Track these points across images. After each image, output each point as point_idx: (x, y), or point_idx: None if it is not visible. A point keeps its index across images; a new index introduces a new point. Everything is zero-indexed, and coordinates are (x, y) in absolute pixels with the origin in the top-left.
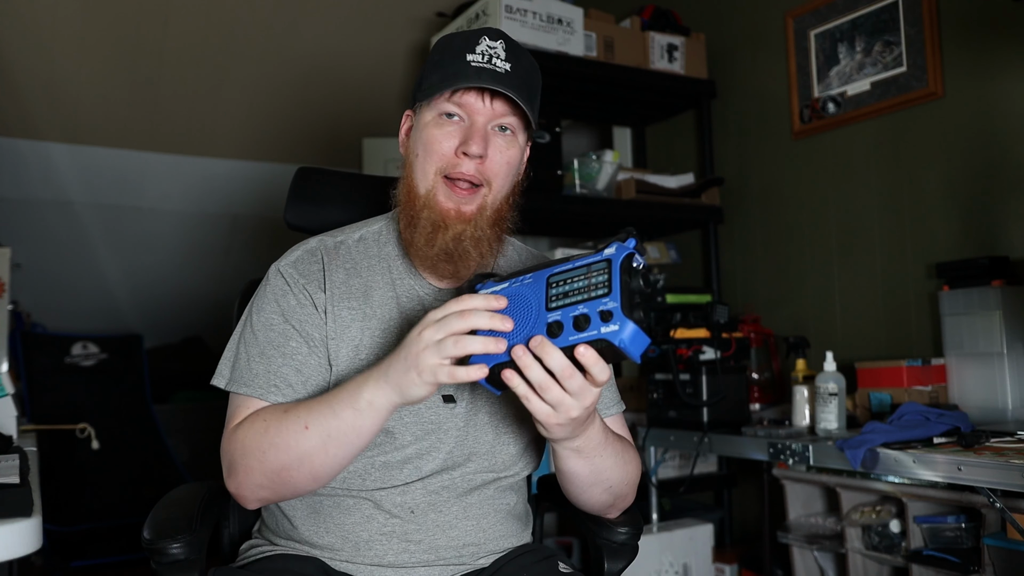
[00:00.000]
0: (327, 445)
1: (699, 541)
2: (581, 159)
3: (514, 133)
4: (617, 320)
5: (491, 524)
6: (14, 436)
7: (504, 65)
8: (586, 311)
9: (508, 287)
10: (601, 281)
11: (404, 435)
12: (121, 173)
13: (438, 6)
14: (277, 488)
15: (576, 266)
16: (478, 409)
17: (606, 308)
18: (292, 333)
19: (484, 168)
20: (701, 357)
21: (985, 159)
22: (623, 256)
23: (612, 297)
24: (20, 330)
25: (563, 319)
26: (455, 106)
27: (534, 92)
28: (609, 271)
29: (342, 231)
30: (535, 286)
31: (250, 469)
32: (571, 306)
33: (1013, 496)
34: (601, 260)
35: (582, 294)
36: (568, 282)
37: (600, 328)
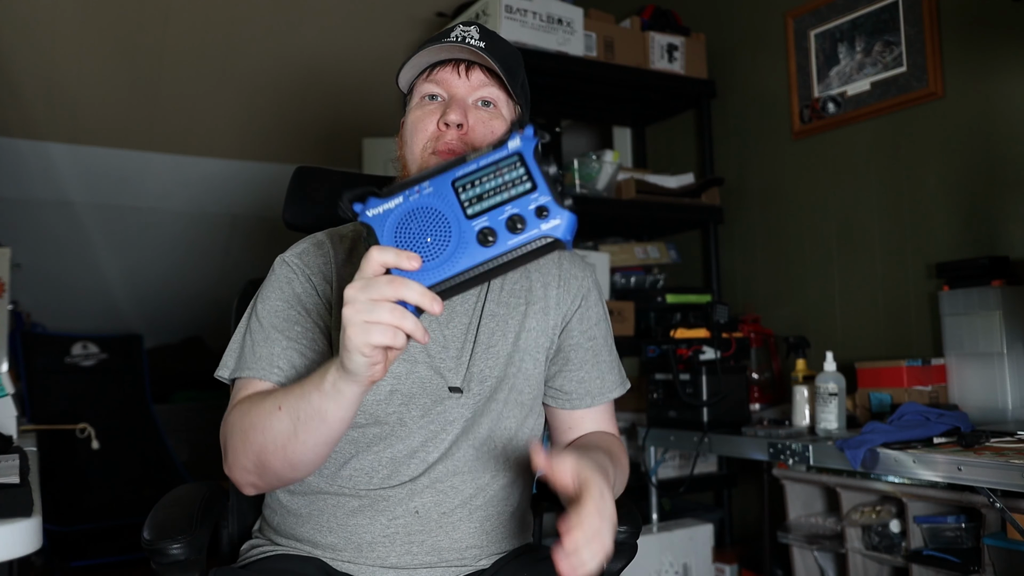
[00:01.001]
0: (297, 429)
1: (699, 541)
2: (581, 159)
3: (496, 106)
4: (555, 214)
5: (494, 526)
6: (14, 436)
7: (478, 43)
8: (517, 211)
9: (404, 202)
10: (519, 176)
11: (411, 426)
12: (121, 173)
13: (438, 6)
14: (261, 473)
15: (482, 165)
16: (484, 397)
17: (539, 203)
18: (298, 318)
19: (468, 138)
20: (701, 357)
21: (985, 159)
22: (532, 146)
23: (540, 191)
24: (20, 330)
25: (492, 224)
26: (434, 84)
27: (514, 69)
28: (524, 163)
29: (347, 226)
30: (439, 194)
31: (235, 450)
32: (496, 208)
33: (1013, 496)
34: (510, 154)
35: (501, 193)
36: (479, 183)
37: (540, 226)
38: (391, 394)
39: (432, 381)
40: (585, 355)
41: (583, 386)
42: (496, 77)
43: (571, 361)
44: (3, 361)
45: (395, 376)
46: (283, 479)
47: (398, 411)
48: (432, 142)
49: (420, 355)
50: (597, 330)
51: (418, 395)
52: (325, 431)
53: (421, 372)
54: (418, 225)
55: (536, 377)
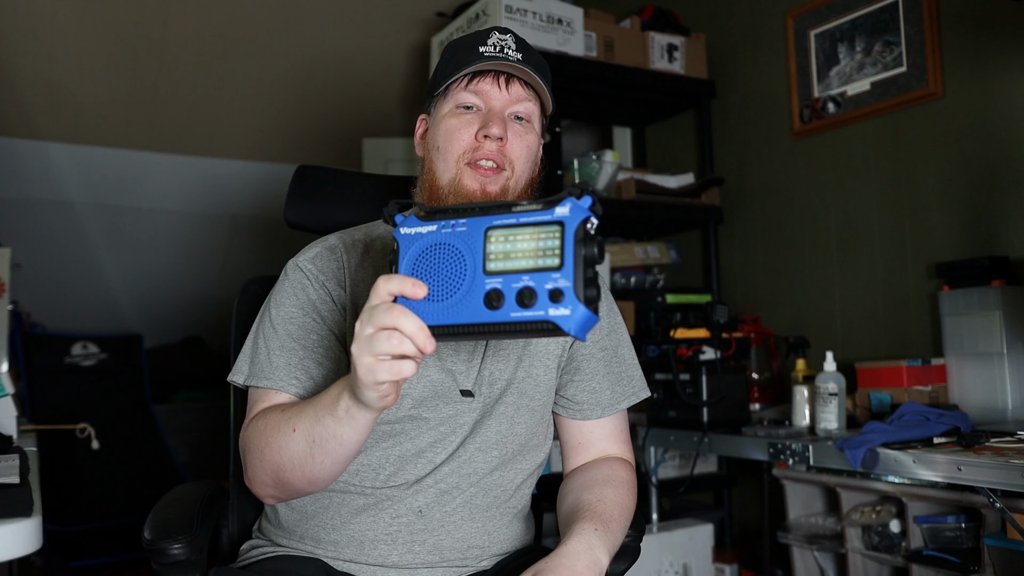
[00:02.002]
0: (313, 451)
1: (699, 541)
2: (581, 159)
3: (530, 121)
4: (568, 302)
5: (497, 527)
6: (14, 436)
7: (516, 55)
8: (532, 284)
9: (437, 231)
10: (551, 248)
11: (420, 428)
12: (121, 173)
13: (438, 6)
14: (279, 487)
15: (521, 222)
16: (493, 400)
17: (556, 286)
18: (314, 326)
19: (505, 150)
20: (701, 357)
21: (985, 159)
22: (579, 221)
23: (564, 273)
24: (20, 330)
25: (504, 289)
26: (472, 95)
27: (546, 81)
28: (561, 237)
29: (359, 229)
30: (470, 237)
31: (254, 467)
32: (514, 274)
33: (1013, 496)
34: (552, 222)
35: (527, 259)
36: (511, 240)
37: (548, 309)
38: (402, 398)
39: (443, 384)
40: (597, 365)
41: (594, 396)
42: (532, 90)
43: (582, 371)
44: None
45: (407, 381)
46: (303, 492)
47: (408, 414)
48: (469, 153)
49: (431, 359)
50: (609, 340)
51: (429, 398)
52: (342, 452)
53: (432, 375)
54: (438, 260)
55: (547, 384)
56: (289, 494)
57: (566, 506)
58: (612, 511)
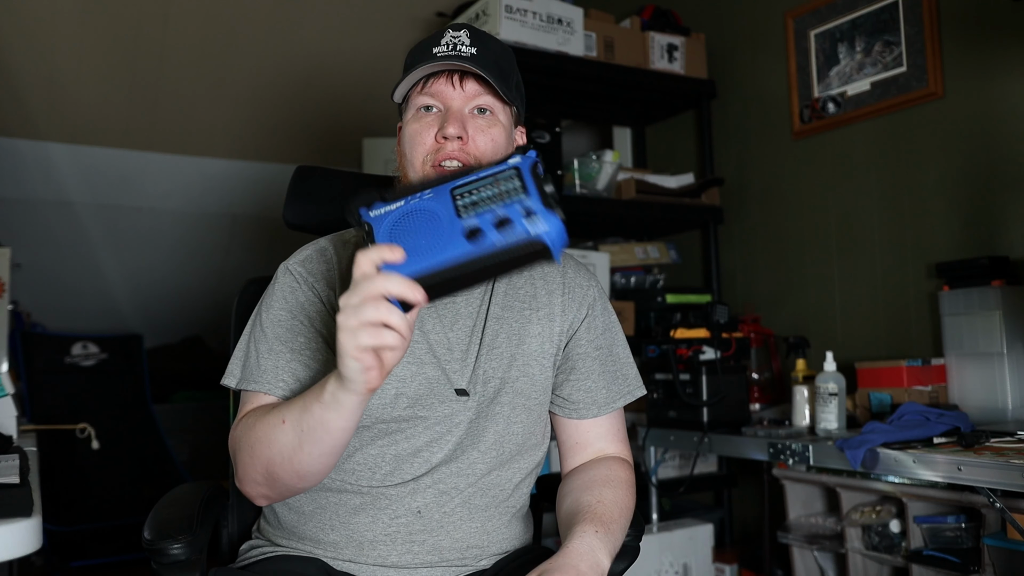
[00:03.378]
0: (302, 441)
1: (699, 541)
2: (581, 159)
3: (493, 113)
4: (542, 216)
5: (496, 527)
6: (14, 436)
7: (469, 50)
8: (506, 212)
9: (405, 204)
10: (514, 186)
11: (416, 427)
12: (121, 173)
13: (438, 6)
14: (272, 485)
15: (481, 176)
16: (488, 399)
17: (527, 206)
18: (301, 329)
19: (468, 148)
20: (701, 357)
21: (985, 159)
22: (530, 163)
23: (531, 196)
24: (20, 330)
25: (481, 224)
26: (429, 97)
27: (506, 72)
28: (520, 176)
29: (351, 231)
30: (437, 199)
31: (245, 464)
32: (486, 211)
33: (1013, 496)
34: (507, 168)
35: (494, 200)
36: (476, 191)
37: (526, 227)
38: (396, 397)
39: (438, 383)
40: (592, 364)
41: (590, 395)
42: (490, 84)
43: (577, 370)
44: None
45: (400, 379)
46: (293, 489)
47: (403, 414)
48: (432, 154)
49: (426, 356)
50: (603, 339)
51: (424, 397)
52: (329, 441)
53: (428, 373)
54: (412, 224)
55: (543, 383)
56: (280, 492)
57: (566, 507)
58: (612, 512)
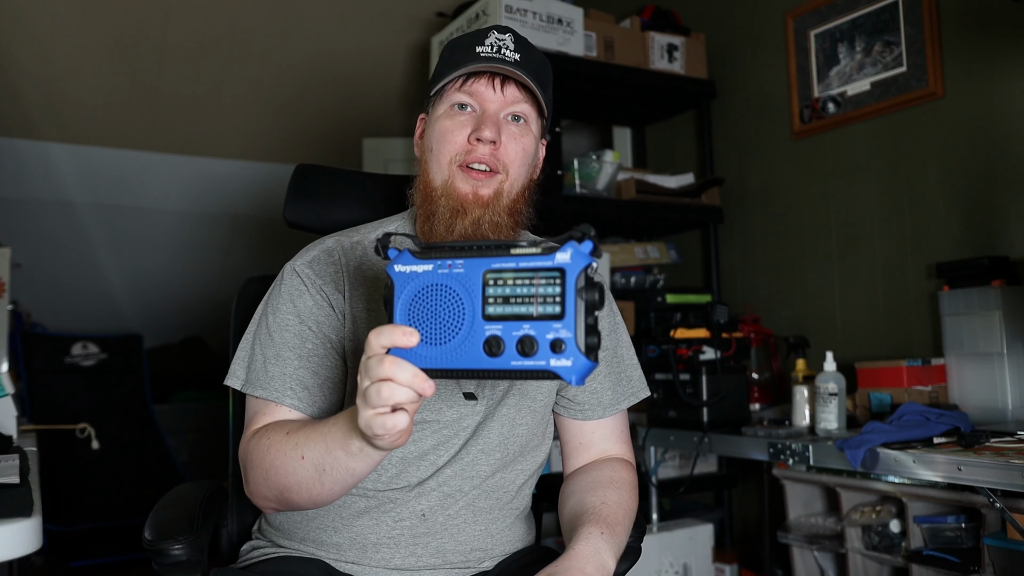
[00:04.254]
0: (322, 477)
1: (699, 541)
2: (581, 159)
3: (527, 122)
4: (569, 353)
5: (499, 529)
6: (14, 436)
7: (513, 55)
8: (533, 334)
9: (433, 271)
10: (551, 295)
11: (424, 431)
12: (121, 173)
13: (438, 6)
14: (282, 504)
15: (521, 267)
16: (495, 402)
17: (558, 336)
18: (309, 335)
19: (499, 154)
20: (701, 357)
21: (985, 159)
22: (580, 268)
23: (565, 324)
24: (20, 330)
25: (504, 336)
26: (467, 95)
27: (545, 83)
28: (562, 284)
29: (357, 230)
30: (467, 279)
31: (257, 483)
32: (514, 321)
33: (1013, 496)
34: (553, 268)
35: (527, 305)
36: (510, 284)
37: (549, 360)
38: None
39: (446, 386)
40: (598, 366)
41: (595, 396)
42: (529, 92)
43: None
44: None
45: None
46: (305, 509)
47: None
48: (461, 155)
49: None
50: (609, 341)
51: (433, 401)
52: (352, 481)
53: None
54: (435, 302)
55: (548, 385)
56: (290, 508)
57: (569, 508)
58: (616, 514)
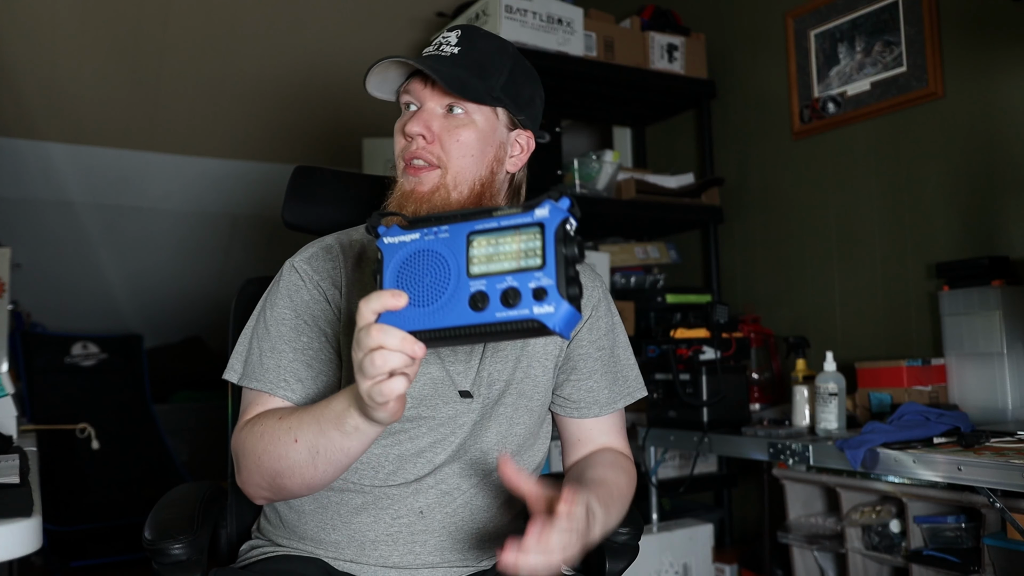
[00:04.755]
0: (315, 460)
1: (699, 541)
2: (581, 159)
3: (468, 113)
4: (552, 299)
5: (497, 527)
6: (14, 436)
7: (451, 49)
8: (516, 284)
9: (420, 239)
10: (532, 248)
11: (420, 428)
12: (121, 173)
13: (438, 6)
14: (275, 491)
15: (503, 225)
16: (492, 401)
17: (539, 284)
18: (304, 328)
19: (434, 147)
20: (701, 357)
21: (985, 159)
22: (558, 221)
23: (546, 271)
24: (20, 330)
25: (488, 290)
26: (407, 95)
27: (486, 70)
28: (542, 237)
29: (356, 230)
30: (452, 242)
31: (250, 471)
32: (498, 275)
33: (1013, 496)
34: (532, 223)
35: (510, 261)
36: (493, 243)
37: (532, 307)
38: None
39: (442, 383)
40: (594, 364)
41: (591, 395)
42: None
43: (579, 370)
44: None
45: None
46: (298, 495)
47: (407, 414)
48: (404, 152)
49: (431, 357)
50: (606, 340)
51: (429, 397)
52: (346, 462)
53: (433, 373)
54: (422, 266)
55: (545, 384)
56: (283, 496)
57: (568, 482)
58: (612, 491)
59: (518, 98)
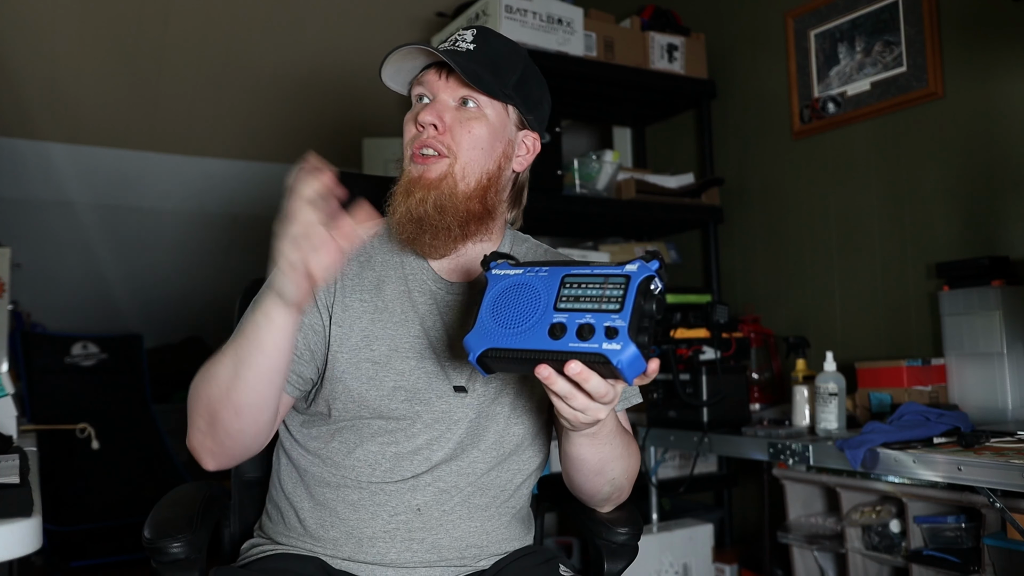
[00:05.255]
0: (238, 368)
1: (699, 541)
2: (581, 159)
3: (480, 107)
4: (621, 340)
5: (495, 527)
6: (14, 436)
7: (467, 45)
8: (592, 322)
9: (522, 274)
10: (615, 295)
11: (415, 424)
12: (121, 173)
13: (438, 6)
14: (213, 431)
15: (594, 273)
16: (489, 399)
17: (612, 324)
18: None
19: (444, 138)
20: (701, 357)
21: (985, 159)
22: (643, 277)
23: (622, 315)
24: (20, 330)
25: (568, 323)
26: (420, 86)
27: (502, 69)
28: (625, 288)
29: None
30: (549, 280)
31: (192, 412)
32: (579, 312)
33: (1013, 496)
34: (620, 275)
35: (593, 303)
36: (582, 286)
37: (602, 344)
38: (394, 390)
39: (436, 378)
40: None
41: None
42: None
43: None
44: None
45: (399, 372)
46: (231, 432)
47: (401, 407)
48: (414, 141)
49: (426, 352)
50: None
51: (423, 391)
52: (265, 363)
53: (427, 367)
54: (517, 296)
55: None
56: (221, 441)
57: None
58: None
59: (528, 99)
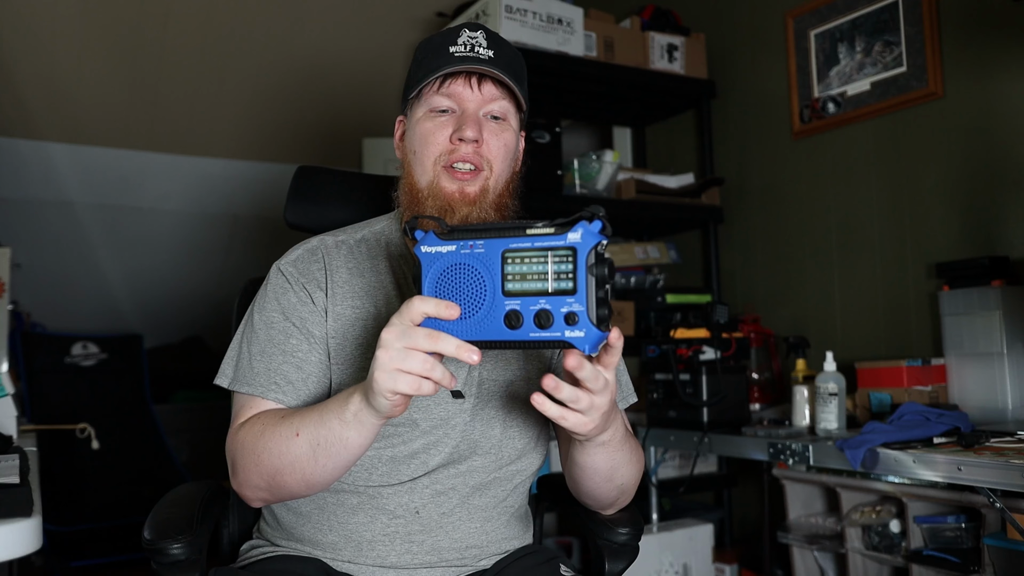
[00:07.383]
0: (316, 453)
1: (699, 541)
2: (581, 159)
3: (506, 119)
4: (582, 325)
5: (495, 527)
6: (14, 436)
7: (487, 52)
8: (549, 308)
9: (456, 252)
10: (565, 272)
11: (412, 430)
12: (121, 173)
13: (438, 6)
14: (273, 490)
15: (536, 246)
16: (486, 404)
17: (571, 310)
18: (292, 330)
19: (482, 151)
20: (701, 357)
21: (985, 159)
22: (591, 246)
23: (578, 298)
24: (20, 330)
25: (523, 311)
26: (445, 98)
27: (520, 77)
28: (574, 261)
29: (343, 231)
30: (487, 258)
31: (247, 470)
32: (531, 296)
33: (1013, 496)
34: (565, 247)
35: (542, 281)
36: (527, 261)
37: (564, 331)
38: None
39: None
40: None
41: None
42: (506, 88)
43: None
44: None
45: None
46: (297, 495)
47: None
48: (445, 155)
49: None
50: None
51: (419, 399)
52: (346, 456)
53: None
54: (459, 280)
55: (540, 385)
56: (281, 497)
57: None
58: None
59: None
